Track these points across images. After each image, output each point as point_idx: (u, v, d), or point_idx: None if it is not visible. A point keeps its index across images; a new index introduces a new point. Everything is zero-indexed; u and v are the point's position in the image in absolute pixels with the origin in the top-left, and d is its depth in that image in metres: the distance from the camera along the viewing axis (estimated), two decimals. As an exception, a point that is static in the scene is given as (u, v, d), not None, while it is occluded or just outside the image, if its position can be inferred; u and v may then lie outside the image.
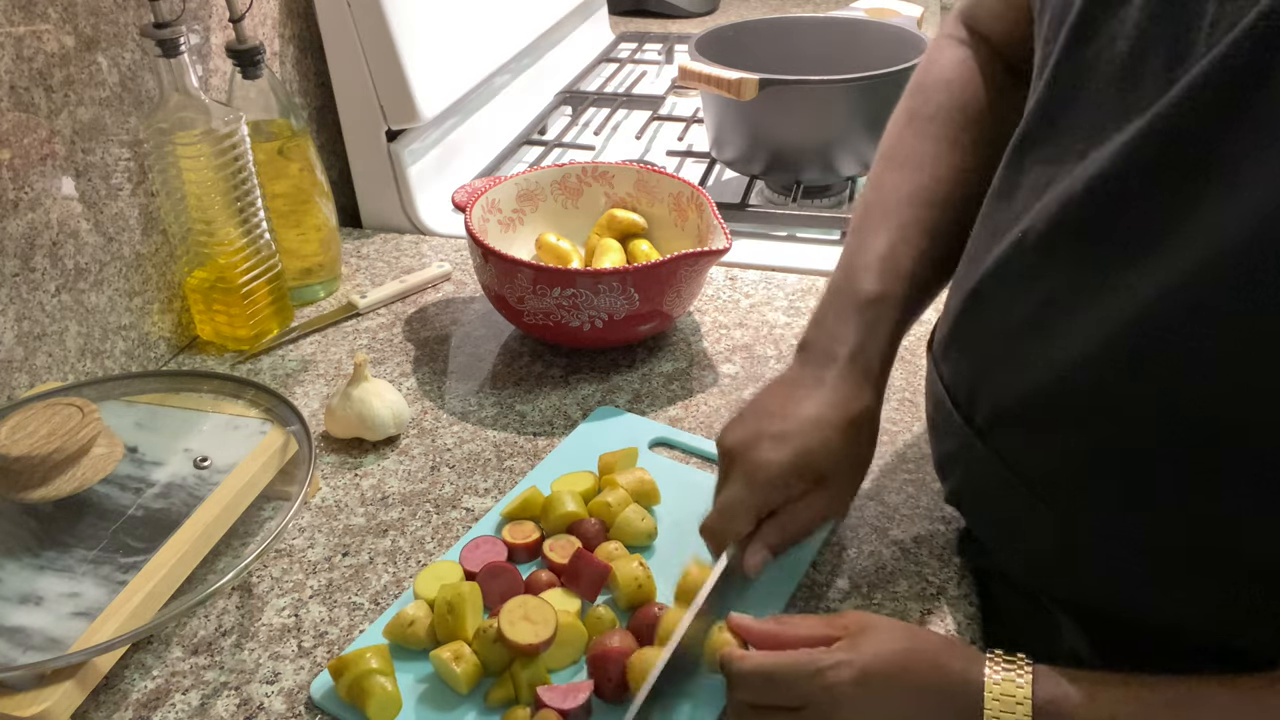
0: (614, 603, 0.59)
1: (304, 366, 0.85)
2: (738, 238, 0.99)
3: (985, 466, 0.54)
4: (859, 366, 0.58)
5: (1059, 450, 0.50)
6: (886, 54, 1.06)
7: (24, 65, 0.69)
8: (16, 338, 0.71)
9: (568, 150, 1.23)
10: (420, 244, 1.04)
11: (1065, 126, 0.48)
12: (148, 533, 0.58)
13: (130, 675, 0.57)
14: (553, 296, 0.77)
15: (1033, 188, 0.50)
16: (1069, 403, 0.48)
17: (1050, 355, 0.48)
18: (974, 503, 0.59)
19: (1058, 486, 0.50)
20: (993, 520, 0.58)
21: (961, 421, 0.55)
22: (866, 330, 0.58)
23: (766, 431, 0.55)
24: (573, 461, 0.71)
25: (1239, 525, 0.44)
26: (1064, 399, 0.48)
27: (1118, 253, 0.44)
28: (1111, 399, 0.46)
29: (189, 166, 0.77)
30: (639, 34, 1.67)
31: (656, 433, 0.74)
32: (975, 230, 0.56)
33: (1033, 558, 0.56)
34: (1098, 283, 0.45)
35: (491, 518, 0.66)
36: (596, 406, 0.78)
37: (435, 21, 1.04)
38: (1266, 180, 0.38)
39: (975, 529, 0.62)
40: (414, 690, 0.55)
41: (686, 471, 0.71)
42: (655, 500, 0.67)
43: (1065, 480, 0.50)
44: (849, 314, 0.59)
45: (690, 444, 0.73)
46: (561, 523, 0.63)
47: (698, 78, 1.00)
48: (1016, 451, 0.52)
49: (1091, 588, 0.53)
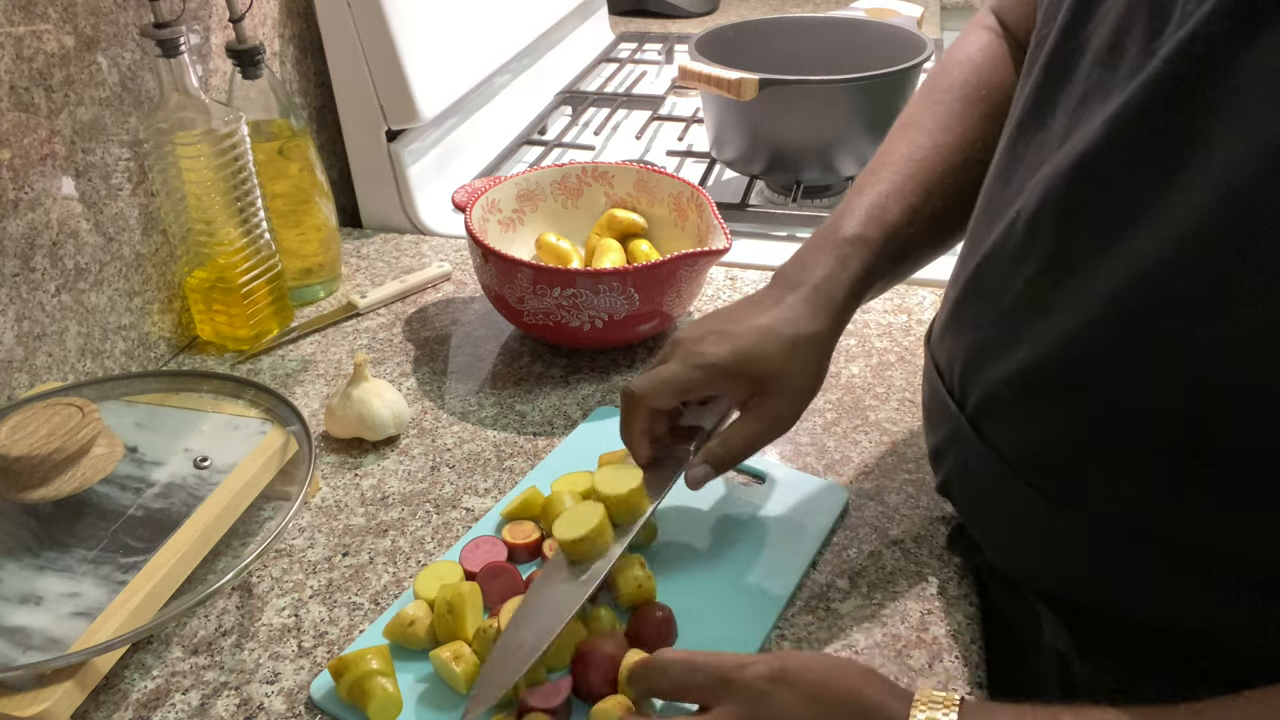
0: (614, 603, 0.59)
1: (304, 366, 0.85)
2: (738, 238, 0.99)
3: (976, 454, 0.54)
4: (822, 294, 0.59)
5: (1046, 434, 0.49)
6: (886, 54, 1.06)
7: (24, 65, 0.69)
8: (16, 338, 0.71)
9: (568, 150, 1.23)
10: (420, 244, 1.04)
11: (1057, 109, 0.48)
12: (148, 533, 0.58)
13: (130, 675, 0.57)
14: (553, 296, 0.77)
15: (1027, 171, 0.50)
16: (1054, 382, 0.48)
17: (1036, 335, 0.48)
18: (964, 492, 0.59)
19: (1047, 474, 0.50)
20: (983, 511, 0.58)
21: (954, 408, 0.55)
22: (838, 264, 0.60)
23: (713, 329, 0.59)
24: (573, 461, 0.71)
25: (1233, 523, 0.44)
26: (1049, 379, 0.48)
27: (1101, 229, 0.44)
28: (1095, 378, 0.46)
29: (189, 166, 0.77)
30: (639, 34, 1.67)
31: None
32: (974, 217, 0.57)
33: (1022, 551, 0.56)
34: (1080, 261, 0.45)
35: (491, 518, 0.66)
36: (596, 406, 0.78)
37: (435, 21, 1.04)
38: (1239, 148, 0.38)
39: (965, 520, 0.62)
40: (414, 690, 0.55)
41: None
42: None
43: (1054, 467, 0.50)
44: (824, 249, 0.61)
45: None
46: None
47: (698, 78, 1.00)
48: (1005, 437, 0.52)
49: (1081, 584, 0.52)
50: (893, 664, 0.56)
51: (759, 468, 0.70)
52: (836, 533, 0.65)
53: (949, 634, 0.58)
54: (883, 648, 0.57)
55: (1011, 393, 0.50)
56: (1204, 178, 0.39)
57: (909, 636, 0.58)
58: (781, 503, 0.67)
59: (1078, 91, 0.47)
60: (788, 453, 0.73)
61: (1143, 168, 0.42)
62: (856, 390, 0.79)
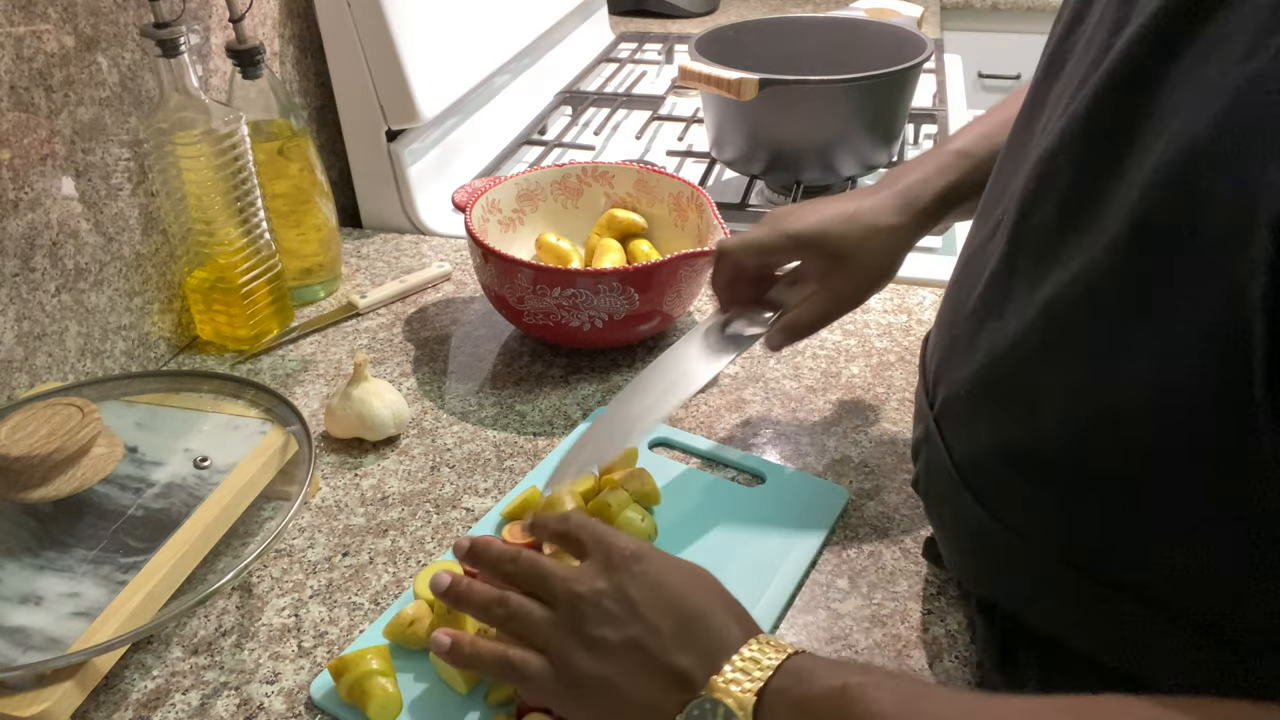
0: None
1: (304, 366, 0.85)
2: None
3: (936, 454, 0.53)
4: (911, 194, 0.64)
5: (985, 440, 0.48)
6: (886, 54, 1.06)
7: (24, 65, 0.69)
8: (16, 338, 0.71)
9: (568, 150, 1.23)
10: (420, 244, 1.04)
11: (1046, 109, 0.48)
12: (148, 533, 0.58)
13: (130, 675, 0.57)
14: (553, 296, 0.77)
15: (1014, 171, 0.50)
16: (999, 387, 0.47)
17: (987, 339, 0.47)
18: (926, 492, 0.58)
19: (985, 481, 0.49)
20: (937, 513, 0.57)
21: (927, 407, 0.55)
22: (936, 172, 0.64)
23: (805, 208, 0.65)
24: None
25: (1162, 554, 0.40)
26: (995, 384, 0.47)
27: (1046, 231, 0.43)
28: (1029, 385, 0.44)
29: (189, 166, 0.77)
30: (639, 34, 1.67)
31: (656, 432, 0.74)
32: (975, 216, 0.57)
33: (964, 557, 0.55)
34: (1027, 263, 0.44)
35: (491, 518, 0.66)
36: (596, 406, 0.78)
37: (435, 21, 1.04)
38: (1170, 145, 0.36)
39: (930, 520, 0.60)
40: (414, 690, 0.55)
41: (686, 471, 0.71)
42: (655, 500, 0.67)
43: (990, 475, 0.48)
44: (930, 158, 0.66)
45: (690, 444, 0.73)
46: None
47: (698, 78, 1.00)
48: (958, 440, 0.51)
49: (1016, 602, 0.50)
50: (893, 664, 0.56)
51: (759, 468, 0.70)
52: (836, 532, 0.65)
53: (949, 634, 0.58)
54: (883, 648, 0.57)
55: (965, 394, 0.50)
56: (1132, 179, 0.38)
57: (909, 636, 0.58)
58: (781, 503, 0.67)
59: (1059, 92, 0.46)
60: (787, 453, 0.73)
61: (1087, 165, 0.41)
62: (856, 390, 0.79)
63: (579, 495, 0.65)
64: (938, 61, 1.43)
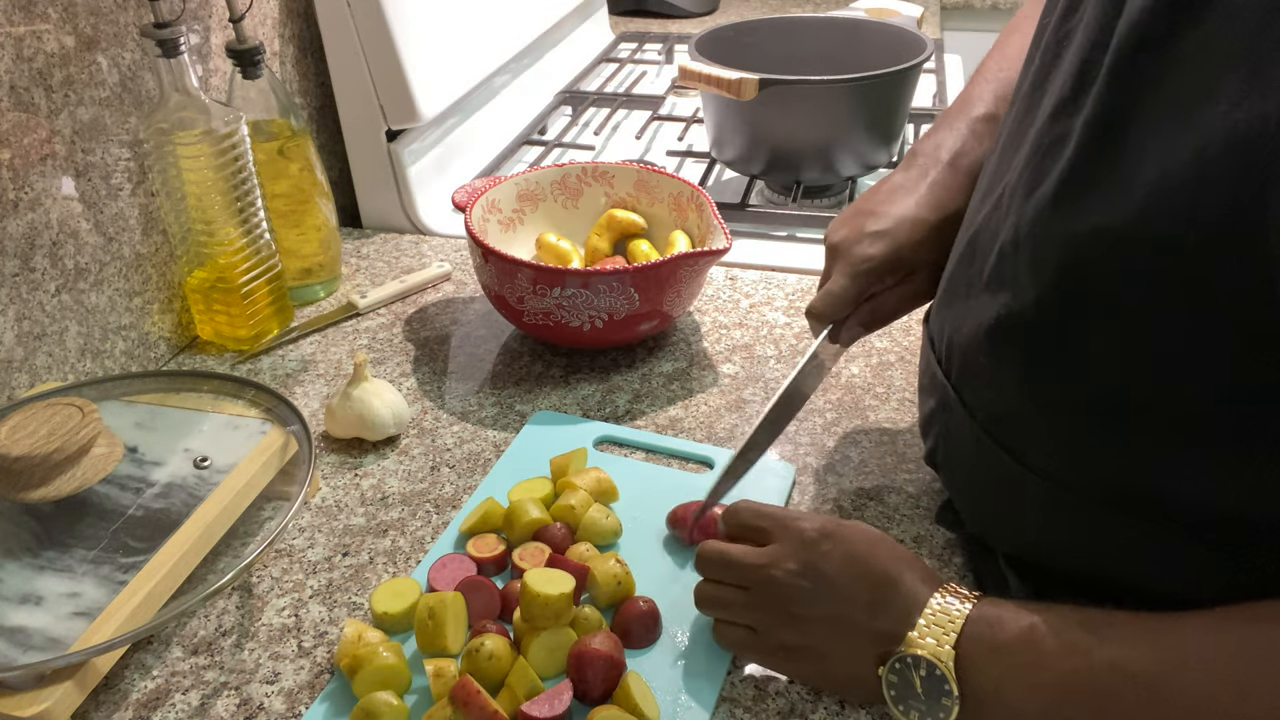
0: (594, 602, 0.59)
1: (304, 366, 0.85)
2: (738, 238, 0.99)
3: (957, 419, 0.55)
4: (960, 169, 0.63)
5: (1011, 395, 0.50)
6: (886, 54, 1.06)
7: (24, 65, 0.69)
8: (16, 338, 0.71)
9: (568, 150, 1.23)
10: (420, 244, 1.04)
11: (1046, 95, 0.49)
12: (148, 533, 0.58)
13: (130, 675, 0.57)
14: (553, 296, 0.77)
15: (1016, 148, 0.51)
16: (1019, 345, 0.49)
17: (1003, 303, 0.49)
18: (945, 460, 0.60)
19: (1013, 435, 0.51)
20: (960, 477, 0.59)
21: (942, 377, 0.56)
22: (973, 139, 0.64)
23: (867, 230, 0.63)
24: (521, 470, 0.70)
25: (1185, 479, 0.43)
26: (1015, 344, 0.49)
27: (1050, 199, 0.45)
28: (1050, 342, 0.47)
29: (189, 166, 0.77)
30: (639, 34, 1.67)
31: (598, 431, 0.74)
32: (975, 193, 0.58)
33: (993, 514, 0.56)
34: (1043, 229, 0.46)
35: (450, 535, 0.65)
36: (596, 406, 0.78)
37: (435, 21, 1.04)
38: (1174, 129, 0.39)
39: (947, 488, 0.62)
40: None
41: (637, 466, 0.71)
42: (614, 497, 0.67)
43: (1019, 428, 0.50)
44: (959, 125, 0.65)
45: (634, 439, 0.74)
46: (527, 530, 0.63)
47: (698, 78, 1.00)
48: (980, 401, 0.53)
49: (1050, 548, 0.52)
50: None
51: (705, 454, 0.71)
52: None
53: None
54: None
55: (985, 359, 0.52)
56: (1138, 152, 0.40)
57: (909, 636, 0.58)
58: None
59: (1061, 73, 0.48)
60: (787, 453, 0.73)
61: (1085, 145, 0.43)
62: (856, 390, 0.79)
63: (540, 502, 0.64)
64: (938, 61, 1.43)
